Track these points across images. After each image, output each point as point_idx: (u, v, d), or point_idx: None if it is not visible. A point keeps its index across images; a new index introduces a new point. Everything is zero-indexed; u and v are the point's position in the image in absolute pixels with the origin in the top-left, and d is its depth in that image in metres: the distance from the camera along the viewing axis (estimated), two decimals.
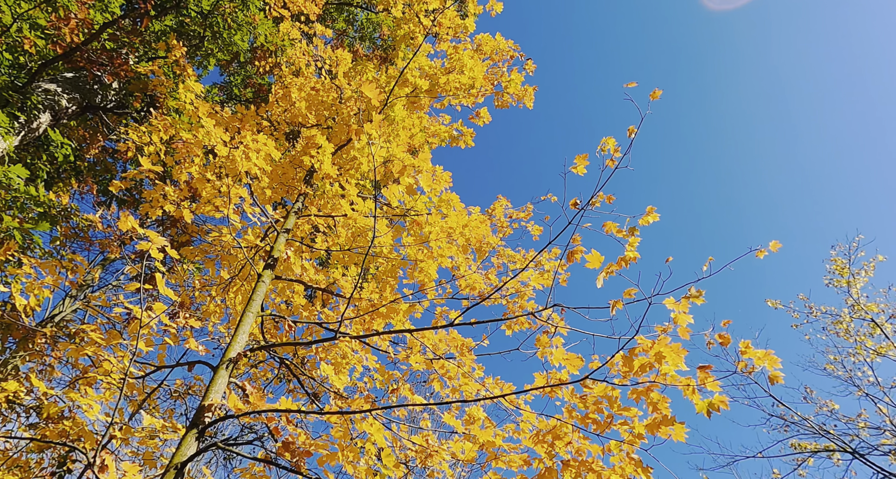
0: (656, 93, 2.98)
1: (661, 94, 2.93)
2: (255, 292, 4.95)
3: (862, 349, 9.52)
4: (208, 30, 6.95)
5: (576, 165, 3.42)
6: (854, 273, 10.17)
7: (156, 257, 3.64)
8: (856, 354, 9.63)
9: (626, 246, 3.26)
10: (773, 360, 2.59)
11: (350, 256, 6.36)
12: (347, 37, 12.19)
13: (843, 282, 10.23)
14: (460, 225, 5.96)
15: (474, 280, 6.08)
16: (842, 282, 10.24)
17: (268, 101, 9.26)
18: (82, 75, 6.44)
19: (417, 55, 6.62)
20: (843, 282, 10.23)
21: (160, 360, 4.98)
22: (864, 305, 9.82)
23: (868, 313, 9.69)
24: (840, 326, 9.97)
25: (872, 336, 9.58)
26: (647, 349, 2.75)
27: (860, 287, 10.06)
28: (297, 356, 6.34)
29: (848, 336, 9.83)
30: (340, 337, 4.62)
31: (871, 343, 9.48)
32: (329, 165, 5.46)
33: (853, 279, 10.10)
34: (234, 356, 4.29)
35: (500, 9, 6.21)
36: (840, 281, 10.27)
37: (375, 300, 5.86)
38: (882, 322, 9.53)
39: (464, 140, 7.67)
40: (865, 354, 9.46)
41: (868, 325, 9.69)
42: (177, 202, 5.14)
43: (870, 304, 9.79)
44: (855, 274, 10.15)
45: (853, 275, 10.14)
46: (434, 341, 5.52)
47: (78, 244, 7.53)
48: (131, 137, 5.27)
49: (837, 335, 10.02)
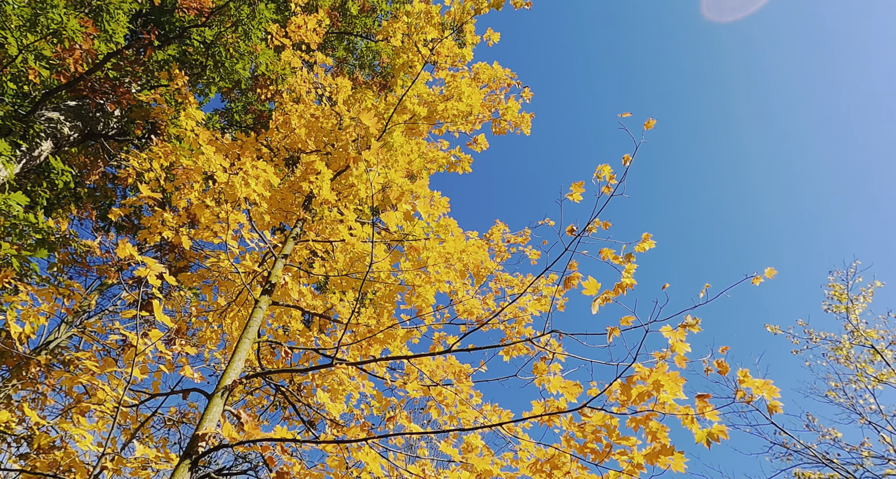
0: (650, 122, 3.04)
1: (654, 123, 2.99)
2: (251, 317, 4.93)
3: (863, 376, 9.41)
4: (210, 59, 7.09)
5: (572, 192, 3.46)
6: (852, 299, 10.13)
7: (153, 283, 3.64)
8: (857, 381, 9.52)
9: (623, 272, 3.27)
10: (771, 389, 2.57)
11: (348, 281, 6.35)
12: (347, 64, 12.43)
13: (841, 308, 10.18)
14: (458, 250, 5.98)
15: (472, 305, 6.06)
16: (840, 308, 10.19)
17: (268, 127, 9.38)
18: (85, 104, 6.54)
19: (416, 83, 6.75)
20: (841, 308, 10.18)
21: (155, 388, 4.92)
22: (863, 331, 9.75)
23: (868, 340, 9.62)
24: (840, 352, 9.88)
25: (873, 363, 9.49)
26: (645, 377, 2.74)
27: (859, 313, 10.00)
28: (294, 383, 6.27)
29: (848, 363, 9.74)
30: (337, 363, 4.58)
31: (871, 370, 9.38)
32: (328, 190, 5.51)
33: (852, 305, 10.05)
34: (229, 384, 4.25)
35: (497, 39, 6.36)
36: (839, 307, 10.22)
37: (373, 326, 5.83)
38: (882, 349, 9.45)
39: (461, 166, 7.76)
40: (867, 381, 9.36)
41: (868, 351, 9.61)
42: (175, 228, 5.16)
43: (869, 330, 9.73)
44: (853, 300, 10.12)
45: (851, 301, 10.11)
46: (431, 367, 5.48)
47: (75, 270, 7.51)
48: (132, 163, 5.32)
49: (838, 362, 9.93)
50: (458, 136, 7.40)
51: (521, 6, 5.93)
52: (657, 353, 3.02)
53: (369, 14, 11.91)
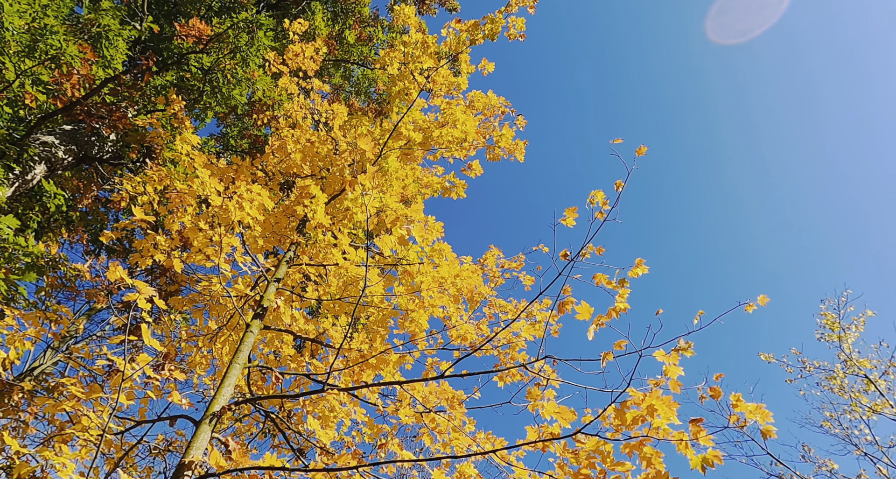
0: (642, 149, 3.09)
1: (646, 150, 3.05)
2: (242, 342, 4.87)
3: (857, 406, 9.33)
4: (208, 85, 7.18)
5: (565, 217, 3.49)
6: (845, 328, 10.11)
7: (143, 307, 3.60)
8: (851, 411, 9.44)
9: (617, 297, 3.27)
10: (764, 414, 2.55)
11: (341, 305, 6.31)
12: (343, 91, 12.62)
13: (834, 337, 10.15)
14: (452, 275, 5.97)
15: (466, 331, 6.02)
16: (833, 336, 10.16)
17: (264, 151, 9.45)
18: (80, 128, 6.58)
19: (412, 110, 6.85)
20: (834, 337, 10.15)
21: (141, 414, 4.82)
22: (856, 360, 9.70)
23: (861, 369, 9.57)
24: (834, 382, 9.80)
25: (867, 393, 9.41)
26: (639, 402, 2.71)
27: (851, 342, 9.97)
28: (284, 410, 6.16)
29: (842, 392, 9.66)
30: (328, 389, 4.52)
31: (865, 400, 9.31)
32: (322, 214, 5.52)
33: (844, 334, 10.03)
34: (217, 410, 4.17)
35: (492, 68, 6.50)
36: (831, 336, 10.19)
37: (365, 351, 5.76)
38: (875, 378, 9.40)
39: (456, 192, 7.82)
40: (861, 411, 9.28)
41: (862, 381, 9.54)
42: (167, 251, 5.14)
43: (862, 359, 9.68)
44: (846, 329, 10.09)
45: (844, 330, 10.08)
46: (424, 393, 5.40)
47: (64, 294, 7.43)
48: (125, 187, 5.33)
49: (832, 391, 9.84)
50: (452, 162, 7.49)
51: (515, 38, 6.09)
52: (651, 379, 3.01)
53: (366, 43, 12.16)
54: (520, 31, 6.06)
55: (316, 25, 10.29)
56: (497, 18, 6.01)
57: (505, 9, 5.96)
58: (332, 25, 11.45)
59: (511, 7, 5.94)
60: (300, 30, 7.13)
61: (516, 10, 5.96)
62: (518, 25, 6.04)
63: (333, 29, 11.48)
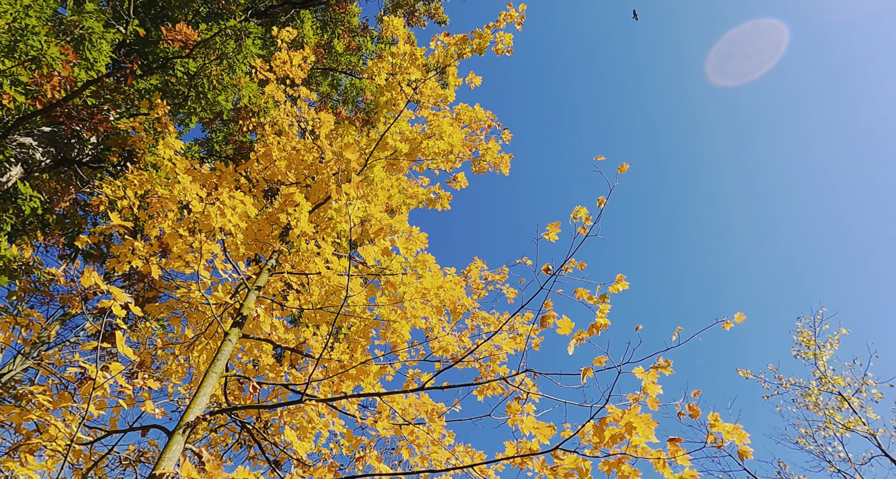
0: (624, 166, 3.14)
1: (627, 168, 3.09)
2: (220, 351, 4.78)
3: (832, 423, 9.48)
4: (193, 90, 7.12)
5: (548, 231, 3.51)
6: (820, 346, 10.30)
7: (118, 314, 3.52)
8: (826, 428, 9.59)
9: (597, 313, 3.29)
10: (741, 434, 2.57)
11: (322, 314, 6.25)
12: (331, 100, 12.61)
13: (810, 354, 10.32)
14: (435, 286, 5.96)
15: (448, 342, 6.00)
16: (809, 354, 10.34)
17: (248, 157, 9.37)
18: (60, 130, 6.46)
19: (399, 120, 6.87)
20: (810, 354, 10.32)
21: (112, 424, 4.69)
22: (831, 378, 9.88)
23: (835, 387, 9.74)
24: (809, 399, 9.96)
25: (840, 410, 9.58)
26: (618, 419, 2.72)
27: (826, 360, 10.15)
28: (261, 420, 6.05)
29: (817, 409, 9.82)
30: (307, 400, 4.46)
31: (839, 418, 9.46)
32: (306, 222, 5.48)
33: (819, 352, 10.21)
34: (192, 420, 4.08)
35: (479, 82, 6.55)
36: (807, 353, 10.37)
37: (346, 361, 5.70)
38: (849, 396, 9.57)
39: (441, 203, 7.83)
40: (835, 428, 9.42)
41: (836, 398, 9.71)
42: (146, 258, 5.04)
43: (837, 377, 9.86)
44: (821, 346, 10.28)
45: (819, 347, 10.27)
46: (404, 405, 5.36)
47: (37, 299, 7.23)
48: (105, 191, 5.23)
49: (807, 408, 10.00)
50: (438, 173, 7.52)
51: (502, 53, 6.16)
52: (630, 395, 3.02)
53: (354, 52, 12.19)
54: (507, 46, 6.13)
55: (304, 34, 10.29)
56: (485, 33, 6.07)
57: (493, 24, 6.03)
58: (320, 34, 11.46)
59: (499, 23, 6.01)
60: (288, 38, 7.12)
61: (504, 25, 6.03)
62: (506, 41, 6.11)
63: (322, 37, 11.49)
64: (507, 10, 5.93)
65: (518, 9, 5.91)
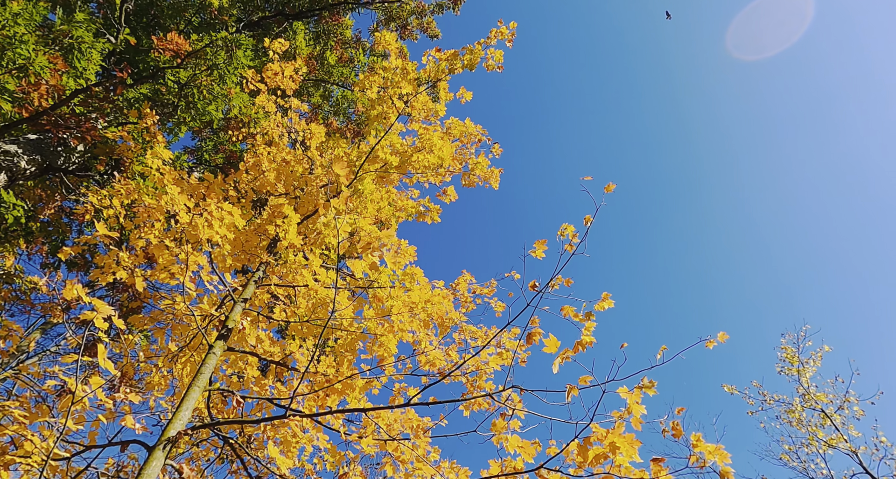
0: (610, 186, 3.18)
1: (614, 187, 3.13)
2: (204, 363, 4.73)
3: (814, 440, 9.54)
4: (183, 100, 7.10)
5: (535, 249, 3.53)
6: (803, 362, 10.40)
7: (100, 326, 3.47)
8: (809, 444, 9.64)
9: (583, 330, 3.31)
10: (723, 455, 2.59)
11: (309, 327, 6.20)
12: (322, 111, 12.63)
13: (793, 370, 10.42)
14: (423, 300, 5.94)
15: (435, 357, 5.98)
16: (792, 370, 10.43)
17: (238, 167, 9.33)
18: (46, 138, 6.39)
19: (389, 133, 6.89)
20: (793, 370, 10.42)
21: (91, 438, 4.61)
22: (814, 394, 9.96)
23: (818, 404, 9.82)
24: (793, 415, 10.02)
25: (823, 427, 9.65)
26: (602, 438, 2.72)
27: (809, 376, 10.25)
28: (244, 435, 5.97)
29: (800, 426, 9.88)
30: (291, 415, 4.41)
31: (822, 434, 9.52)
32: (294, 234, 5.46)
33: (803, 368, 10.31)
34: (173, 436, 4.02)
35: (470, 97, 6.61)
36: (791, 369, 10.46)
37: (331, 375, 5.65)
38: (831, 413, 9.64)
39: (430, 216, 7.84)
40: (818, 445, 9.48)
41: (818, 415, 9.78)
42: (131, 268, 4.98)
43: (819, 394, 9.94)
44: (804, 363, 10.38)
45: (803, 364, 10.37)
46: (389, 420, 5.32)
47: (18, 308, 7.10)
48: (91, 200, 5.18)
49: (791, 425, 10.05)
50: (428, 186, 7.54)
51: (493, 69, 6.23)
52: (615, 412, 3.03)
53: (346, 64, 12.25)
54: (498, 62, 6.20)
55: (297, 45, 10.33)
56: (476, 49, 6.14)
57: (484, 40, 6.11)
58: (313, 46, 11.52)
59: (490, 39, 6.08)
60: (280, 49, 7.14)
61: (495, 42, 6.11)
62: (496, 57, 6.19)
63: (314, 49, 11.54)
64: (497, 28, 6.01)
65: (509, 26, 5.99)
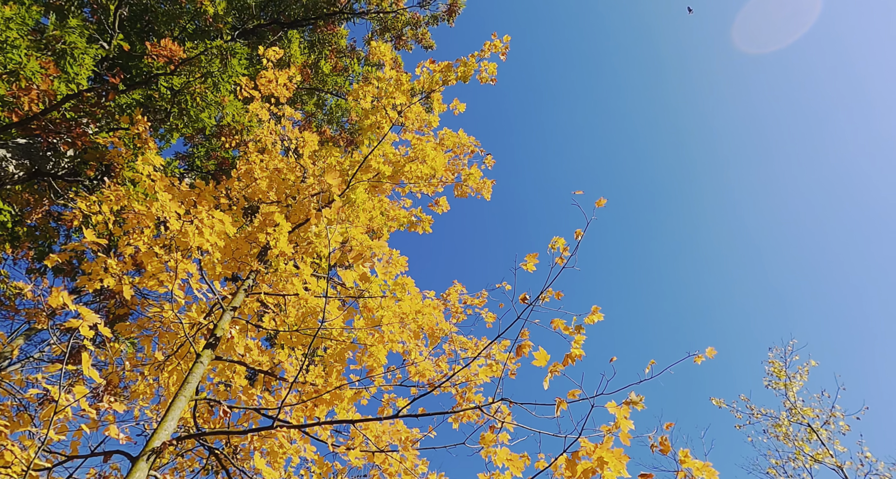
0: (601, 201, 3.21)
1: (605, 202, 3.16)
2: (191, 372, 4.68)
3: (801, 455, 9.57)
4: (176, 106, 7.08)
5: (526, 262, 3.54)
6: (790, 376, 10.46)
7: (86, 335, 3.43)
8: (795, 459, 9.66)
9: (573, 343, 3.32)
10: (711, 472, 2.60)
11: (298, 337, 6.16)
12: (316, 119, 12.65)
13: (780, 385, 10.46)
14: (414, 310, 5.93)
15: (425, 367, 5.96)
16: (780, 384, 10.48)
17: (230, 174, 9.30)
18: (36, 142, 6.34)
19: (382, 143, 6.91)
20: (780, 385, 10.46)
21: (73, 448, 4.53)
22: (800, 409, 10.00)
23: (805, 418, 9.86)
24: (780, 429, 10.04)
25: (809, 442, 9.68)
26: (591, 453, 2.72)
27: (796, 391, 10.30)
28: (230, 445, 5.89)
29: (787, 441, 9.90)
30: (279, 426, 4.38)
31: (808, 449, 9.56)
32: (285, 242, 5.44)
33: (790, 382, 10.36)
34: (158, 446, 3.97)
35: (463, 109, 6.66)
36: (778, 383, 10.51)
37: (320, 385, 5.61)
38: (818, 428, 9.69)
39: (422, 226, 7.85)
40: (804, 459, 9.51)
41: (805, 429, 9.81)
42: (118, 276, 4.93)
43: (806, 408, 9.99)
44: (791, 377, 10.44)
45: (790, 378, 10.42)
46: (377, 432, 5.29)
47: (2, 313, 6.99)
48: (80, 206, 5.12)
49: (777, 439, 10.07)
50: (420, 196, 7.55)
51: (486, 81, 6.28)
52: (604, 426, 3.03)
53: (341, 73, 12.29)
54: (492, 75, 6.25)
55: (291, 53, 10.36)
56: (470, 62, 6.19)
57: (478, 53, 6.16)
58: (307, 54, 11.55)
59: (484, 52, 6.14)
60: (275, 57, 7.15)
61: (489, 55, 6.17)
62: (490, 70, 6.24)
63: (309, 58, 11.58)
64: (491, 41, 6.07)
65: (502, 39, 6.05)
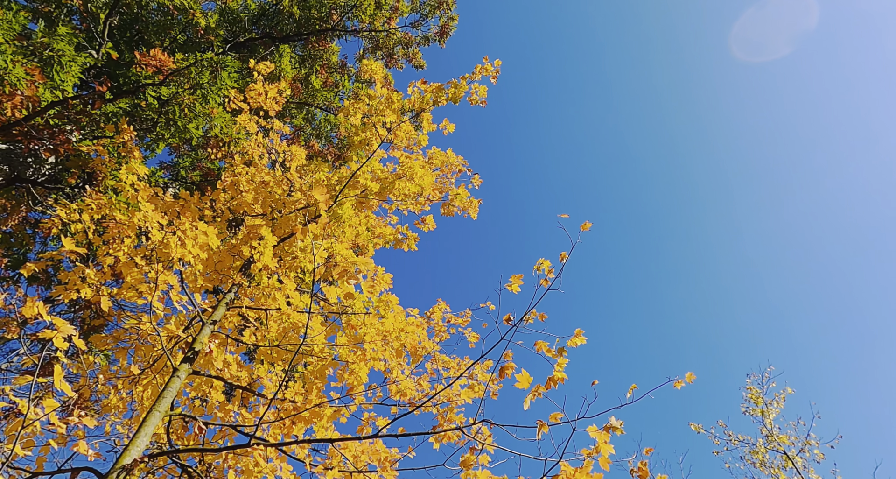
0: (586, 225, 3.26)
1: (590, 226, 3.21)
2: (167, 387, 4.58)
3: None
4: (163, 116, 7.04)
5: (511, 283, 3.56)
6: (767, 403, 10.54)
7: (60, 346, 3.34)
8: None
9: (556, 366, 3.33)
10: None
11: (279, 352, 6.07)
12: (304, 133, 12.66)
13: (757, 411, 10.54)
14: (397, 328, 5.90)
15: (406, 386, 5.91)
16: (757, 411, 10.55)
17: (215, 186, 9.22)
18: (16, 148, 6.23)
19: (371, 160, 6.94)
20: (757, 411, 10.54)
21: (39, 465, 4.37)
22: (776, 436, 10.07)
23: (781, 446, 9.92)
24: (757, 456, 10.08)
25: (785, 469, 9.72)
26: (571, 477, 2.72)
27: (773, 418, 10.37)
28: (203, 463, 5.74)
29: (764, 468, 9.93)
30: (255, 444, 4.29)
31: (784, 477, 9.60)
32: (269, 256, 5.39)
33: (766, 409, 10.44)
34: (128, 463, 3.86)
35: (453, 129, 6.73)
36: (755, 410, 10.58)
37: (299, 403, 5.52)
38: (793, 455, 9.75)
39: (408, 244, 7.85)
40: None
41: (781, 457, 9.86)
42: (97, 286, 4.83)
43: (782, 435, 10.05)
44: (768, 404, 10.52)
45: (766, 405, 10.50)
46: (356, 452, 5.20)
47: None
48: (59, 214, 5.03)
49: (755, 465, 10.10)
50: (407, 214, 7.56)
51: (477, 103, 6.37)
52: (585, 450, 3.03)
53: (331, 89, 12.36)
54: (482, 97, 6.35)
55: (282, 68, 10.40)
56: (461, 84, 6.29)
57: (469, 76, 6.26)
58: (298, 69, 11.61)
59: (475, 75, 6.24)
60: (266, 71, 7.17)
61: (479, 77, 6.27)
62: (480, 92, 6.34)
63: (300, 72, 11.63)
64: (482, 64, 6.17)
65: (493, 64, 6.16)
